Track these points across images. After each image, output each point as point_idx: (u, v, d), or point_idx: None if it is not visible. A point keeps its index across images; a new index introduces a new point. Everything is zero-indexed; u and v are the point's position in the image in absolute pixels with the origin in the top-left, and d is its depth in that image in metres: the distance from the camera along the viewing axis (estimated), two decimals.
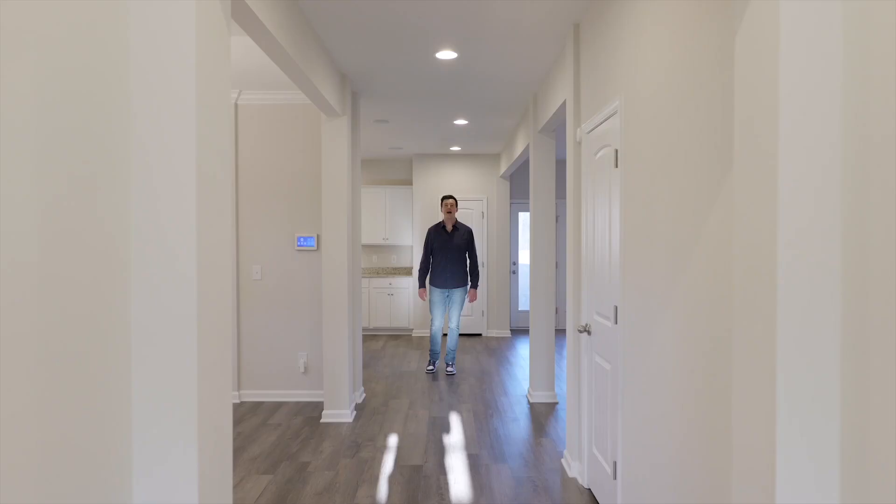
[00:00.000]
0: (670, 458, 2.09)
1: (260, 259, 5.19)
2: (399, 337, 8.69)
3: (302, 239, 5.17)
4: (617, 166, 2.74)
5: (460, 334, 8.90)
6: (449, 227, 6.25)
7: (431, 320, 6.35)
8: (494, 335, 8.83)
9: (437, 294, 6.30)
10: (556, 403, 5.15)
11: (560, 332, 9.15)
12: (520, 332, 9.20)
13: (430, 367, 6.34)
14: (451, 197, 6.24)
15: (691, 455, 1.91)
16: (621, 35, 2.66)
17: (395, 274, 9.11)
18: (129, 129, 1.71)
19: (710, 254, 1.77)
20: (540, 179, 5.17)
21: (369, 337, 8.69)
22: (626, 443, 2.62)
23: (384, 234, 9.11)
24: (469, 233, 6.29)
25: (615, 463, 2.80)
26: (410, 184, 9.34)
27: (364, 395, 5.37)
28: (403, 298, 8.85)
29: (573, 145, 3.55)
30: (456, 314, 6.33)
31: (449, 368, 6.31)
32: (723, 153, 1.70)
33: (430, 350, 6.39)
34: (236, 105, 5.16)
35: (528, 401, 5.24)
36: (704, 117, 1.81)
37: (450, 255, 6.22)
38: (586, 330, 3.27)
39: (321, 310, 5.16)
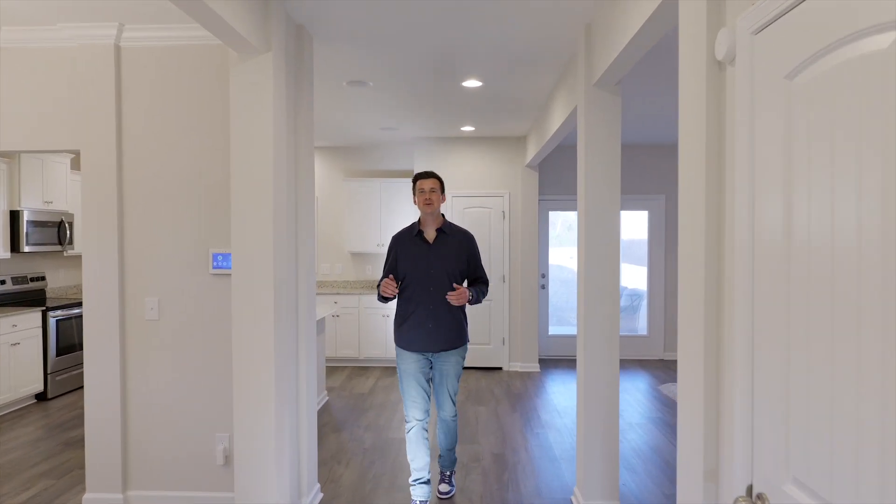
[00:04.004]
0: None
1: (156, 288, 3.33)
2: (396, 371, 6.81)
3: (220, 257, 3.30)
4: None
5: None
6: (429, 234, 3.32)
7: (404, 407, 3.36)
8: (518, 370, 6.88)
9: (411, 361, 3.28)
10: None
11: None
12: (551, 363, 7.23)
13: (421, 501, 3.36)
14: (429, 175, 3.28)
15: None
16: None
17: None
18: None
19: None
20: (597, 154, 3.22)
21: (358, 371, 6.82)
22: None
23: (378, 240, 7.22)
24: (468, 242, 3.36)
25: None
26: (411, 176, 7.40)
27: (321, 496, 3.49)
28: None
29: (705, 71, 1.62)
30: (448, 395, 3.33)
31: (442, 487, 3.51)
32: None
33: (412, 467, 3.36)
34: (117, 47, 3.30)
35: None
36: None
37: (432, 283, 3.21)
38: None
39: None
